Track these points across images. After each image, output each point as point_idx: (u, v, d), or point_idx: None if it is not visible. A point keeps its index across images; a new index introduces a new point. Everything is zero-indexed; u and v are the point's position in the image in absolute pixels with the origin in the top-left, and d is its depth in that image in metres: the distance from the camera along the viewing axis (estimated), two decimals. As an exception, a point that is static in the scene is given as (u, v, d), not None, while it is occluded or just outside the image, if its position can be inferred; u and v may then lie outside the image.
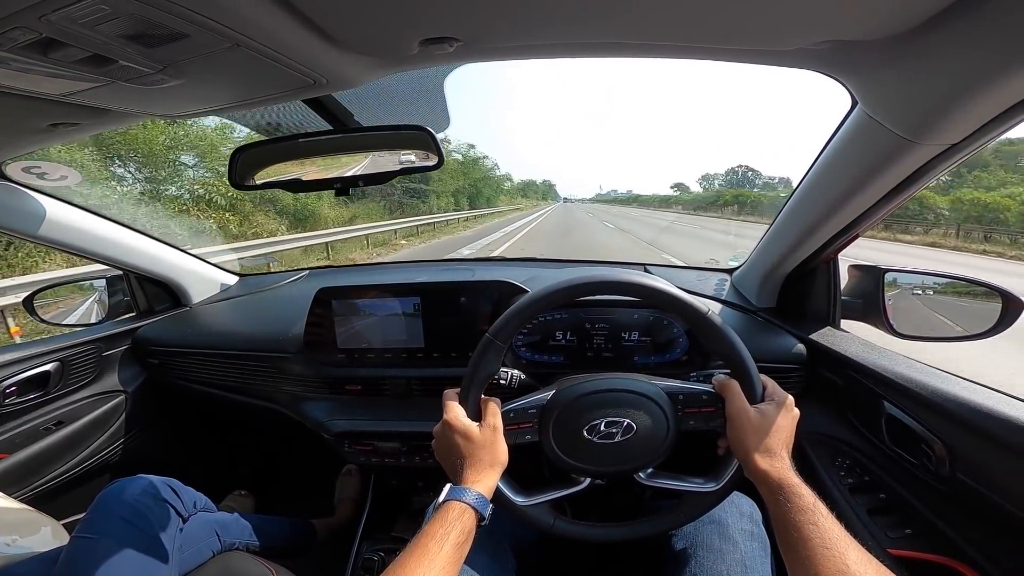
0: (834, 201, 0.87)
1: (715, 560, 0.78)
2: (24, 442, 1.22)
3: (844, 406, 1.00)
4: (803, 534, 0.57)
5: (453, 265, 1.97)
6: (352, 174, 0.93)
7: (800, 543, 0.57)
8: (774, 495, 0.63)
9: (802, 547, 0.56)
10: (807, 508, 0.59)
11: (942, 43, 0.53)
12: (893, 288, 1.03)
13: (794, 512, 0.59)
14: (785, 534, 0.59)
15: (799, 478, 0.63)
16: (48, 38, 0.47)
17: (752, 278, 1.26)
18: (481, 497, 0.67)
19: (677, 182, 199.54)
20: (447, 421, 0.73)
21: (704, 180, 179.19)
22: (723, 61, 0.66)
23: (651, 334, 1.10)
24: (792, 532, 0.58)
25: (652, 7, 0.53)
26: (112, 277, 1.54)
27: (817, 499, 0.60)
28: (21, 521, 0.99)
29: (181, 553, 0.90)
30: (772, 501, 0.63)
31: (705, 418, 0.75)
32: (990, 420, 0.68)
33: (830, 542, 0.55)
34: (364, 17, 0.53)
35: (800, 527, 0.58)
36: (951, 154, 0.67)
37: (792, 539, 0.58)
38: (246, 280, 1.79)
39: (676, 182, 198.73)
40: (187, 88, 0.65)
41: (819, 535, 0.56)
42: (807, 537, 0.56)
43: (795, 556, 0.57)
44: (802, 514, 0.59)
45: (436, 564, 0.58)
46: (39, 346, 1.27)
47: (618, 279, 0.74)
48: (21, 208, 1.11)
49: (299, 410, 1.26)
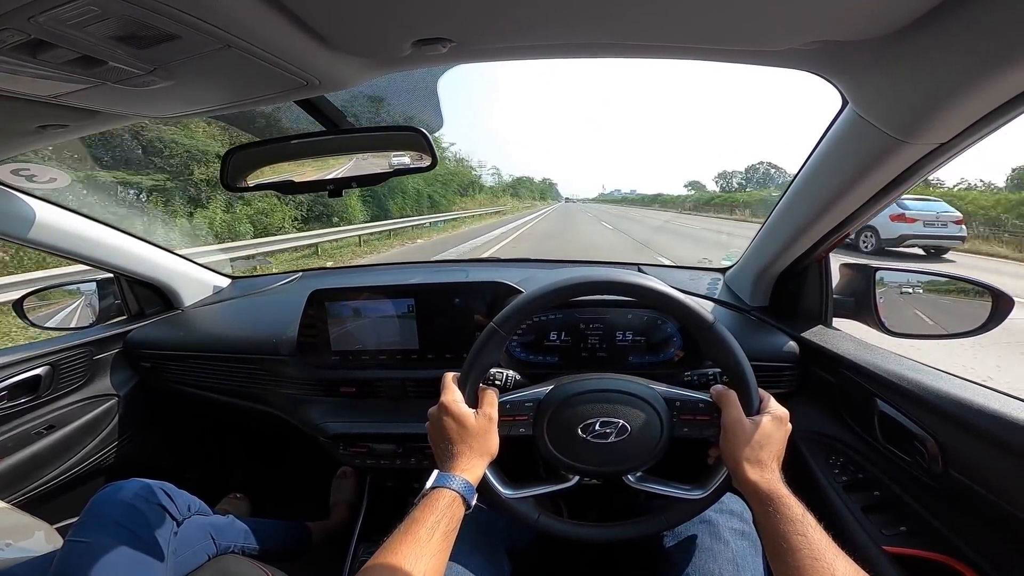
0: (825, 200, 0.88)
1: (707, 559, 0.78)
2: (15, 446, 1.21)
3: (837, 404, 1.00)
4: (792, 544, 0.57)
5: (447, 266, 1.97)
6: (345, 175, 0.93)
7: (789, 554, 0.57)
8: (763, 506, 0.63)
9: (791, 558, 0.56)
10: (796, 519, 0.59)
11: (930, 43, 0.54)
12: (884, 286, 1.04)
13: (783, 523, 0.60)
14: (774, 545, 0.60)
15: (788, 489, 0.64)
16: (37, 39, 0.47)
17: (745, 277, 1.27)
18: (469, 485, 0.67)
19: (692, 180, 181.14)
20: (444, 403, 0.72)
21: (721, 178, 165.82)
22: (713, 61, 0.66)
23: (645, 334, 1.10)
24: (781, 543, 0.58)
25: (642, 8, 0.53)
26: (102, 280, 1.53)
27: (806, 510, 0.61)
28: (14, 526, 0.98)
29: (176, 557, 0.89)
30: (761, 512, 0.63)
31: (700, 426, 0.75)
32: (982, 417, 0.68)
33: (818, 552, 0.55)
34: (356, 18, 0.53)
35: (788, 538, 0.58)
36: (940, 153, 0.68)
37: (781, 549, 0.58)
38: (238, 282, 1.78)
39: (691, 180, 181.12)
40: (178, 89, 0.64)
41: (808, 546, 0.56)
42: (796, 548, 0.57)
43: (783, 567, 0.57)
44: (791, 525, 0.59)
45: (426, 551, 0.58)
46: (29, 350, 1.26)
47: (628, 281, 0.75)
48: (9, 211, 1.10)
49: (293, 413, 1.26)
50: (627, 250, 12.43)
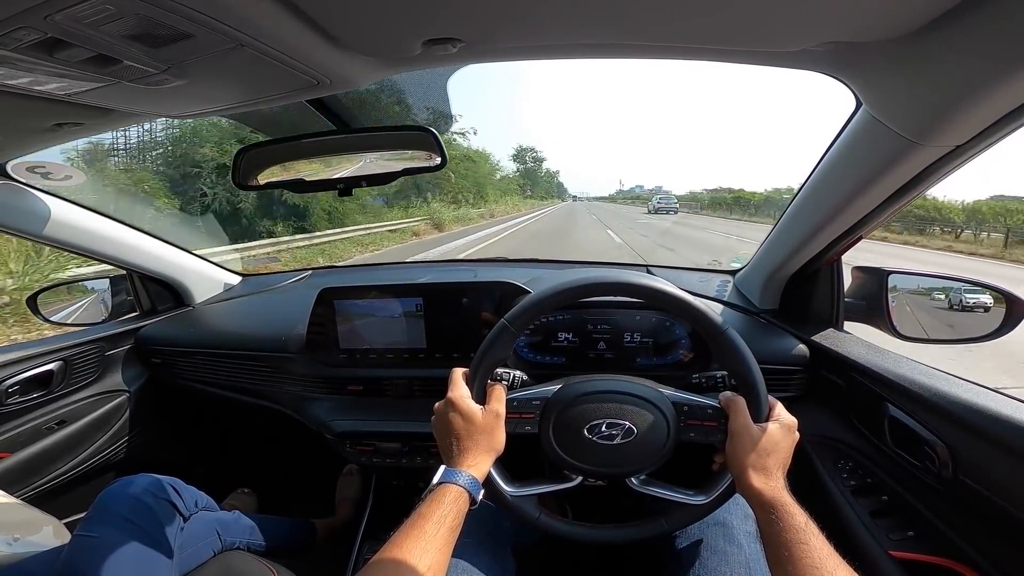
0: (838, 203, 0.87)
1: (719, 562, 0.78)
2: (26, 441, 1.22)
3: (846, 408, 0.99)
4: (794, 553, 0.57)
5: (455, 266, 1.97)
6: (355, 174, 0.93)
7: (790, 562, 0.56)
8: (766, 513, 0.62)
9: (792, 566, 0.56)
10: (799, 528, 0.59)
11: (946, 45, 0.53)
12: (896, 290, 1.03)
13: (786, 531, 0.59)
14: (776, 553, 0.59)
15: (792, 498, 0.63)
16: (53, 38, 0.47)
17: (755, 280, 1.26)
18: (475, 481, 0.67)
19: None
20: (451, 399, 0.72)
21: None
22: (726, 62, 0.66)
23: (653, 336, 1.10)
24: (783, 551, 0.58)
25: (655, 9, 0.53)
26: (115, 277, 1.55)
27: (809, 519, 0.60)
28: (23, 520, 0.99)
29: (182, 552, 0.90)
30: (764, 519, 0.63)
31: (706, 432, 0.74)
32: (993, 423, 0.68)
33: (820, 562, 0.55)
34: (367, 18, 0.54)
35: (791, 546, 0.57)
36: (956, 155, 0.67)
37: (782, 558, 0.58)
38: (249, 280, 1.79)
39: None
40: (191, 88, 0.65)
41: (809, 555, 0.56)
42: (798, 557, 0.56)
43: (785, 575, 0.57)
44: (793, 533, 0.58)
45: (432, 546, 0.58)
46: (42, 345, 1.27)
47: (641, 284, 0.74)
48: (25, 208, 1.11)
49: (301, 410, 1.26)
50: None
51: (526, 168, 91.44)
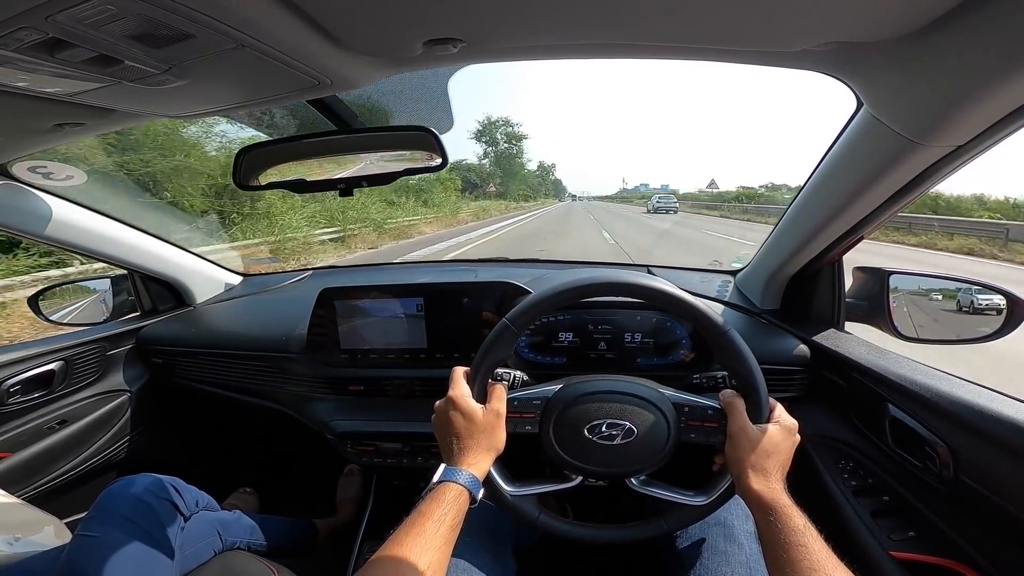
0: (839, 203, 0.87)
1: (720, 562, 0.78)
2: (27, 441, 1.22)
3: (848, 408, 0.99)
4: (791, 556, 0.57)
5: (455, 266, 1.97)
6: (356, 175, 0.93)
7: (788, 564, 0.56)
8: (765, 515, 0.62)
9: (790, 568, 0.56)
10: (797, 529, 0.59)
11: (948, 44, 0.53)
12: (897, 291, 1.03)
13: (784, 533, 0.59)
14: (774, 555, 0.59)
15: (791, 500, 0.63)
16: (54, 38, 0.47)
17: (756, 280, 1.26)
18: (475, 480, 0.67)
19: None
20: (452, 397, 0.72)
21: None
22: (727, 62, 0.66)
23: (654, 336, 1.10)
24: (781, 553, 0.58)
25: (656, 9, 0.53)
26: (116, 277, 1.55)
27: (808, 522, 0.60)
28: (24, 520, 0.99)
29: (183, 552, 0.90)
30: (763, 521, 0.63)
31: (707, 432, 0.74)
32: (994, 423, 0.67)
33: (818, 564, 0.55)
34: (368, 18, 0.54)
35: (789, 549, 0.57)
36: (958, 155, 0.67)
37: (780, 560, 0.58)
38: (250, 280, 1.79)
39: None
40: (192, 88, 0.65)
41: (808, 556, 0.56)
42: (796, 559, 0.56)
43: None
44: (792, 535, 0.58)
45: (432, 544, 0.58)
46: (43, 345, 1.27)
47: (643, 284, 0.74)
48: (27, 208, 1.11)
49: (302, 410, 1.27)
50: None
51: (497, 152, 62.41)
